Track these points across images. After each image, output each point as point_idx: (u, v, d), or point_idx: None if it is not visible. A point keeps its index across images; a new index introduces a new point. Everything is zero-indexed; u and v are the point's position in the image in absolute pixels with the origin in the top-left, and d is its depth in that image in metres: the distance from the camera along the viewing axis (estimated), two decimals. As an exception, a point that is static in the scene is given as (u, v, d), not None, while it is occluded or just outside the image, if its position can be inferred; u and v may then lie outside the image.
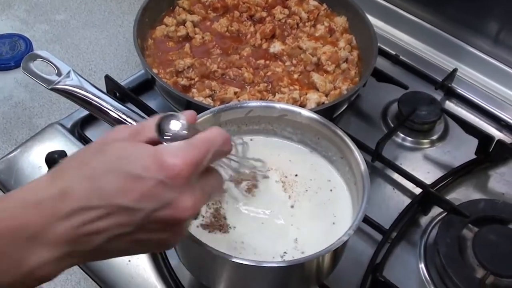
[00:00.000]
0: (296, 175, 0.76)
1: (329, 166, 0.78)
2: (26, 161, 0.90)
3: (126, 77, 1.05)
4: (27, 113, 1.02)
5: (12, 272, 0.49)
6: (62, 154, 0.84)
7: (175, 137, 0.53)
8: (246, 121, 0.78)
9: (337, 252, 0.69)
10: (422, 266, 0.84)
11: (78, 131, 0.95)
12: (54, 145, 0.92)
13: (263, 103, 0.78)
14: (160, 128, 0.53)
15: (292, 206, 0.73)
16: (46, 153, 0.84)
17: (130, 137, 0.54)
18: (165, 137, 0.53)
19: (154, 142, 0.53)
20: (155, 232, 0.53)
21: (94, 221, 0.50)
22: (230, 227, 0.69)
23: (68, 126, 0.95)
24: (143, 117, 0.78)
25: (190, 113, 0.58)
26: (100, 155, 0.52)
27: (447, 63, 1.12)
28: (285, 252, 0.68)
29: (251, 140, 0.78)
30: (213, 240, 0.66)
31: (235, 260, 0.62)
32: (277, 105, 0.78)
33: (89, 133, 0.94)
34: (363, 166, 0.70)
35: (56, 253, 0.50)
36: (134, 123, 0.77)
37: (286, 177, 0.76)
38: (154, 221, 0.51)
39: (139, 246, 0.54)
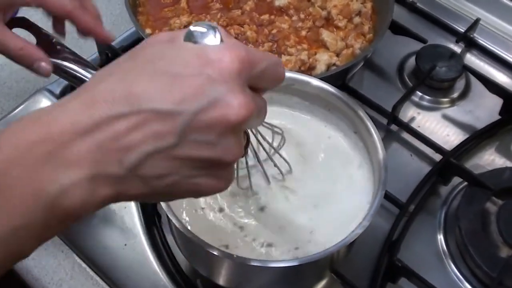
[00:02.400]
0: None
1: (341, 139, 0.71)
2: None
3: (119, 33, 0.97)
4: (13, 77, 0.94)
5: (32, 205, 0.40)
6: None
7: None
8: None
9: (351, 243, 0.63)
10: (440, 237, 0.79)
11: (68, 98, 0.87)
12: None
13: (268, 71, 0.70)
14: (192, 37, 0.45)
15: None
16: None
17: (169, 39, 0.45)
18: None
19: None
20: (201, 147, 0.42)
21: (125, 133, 0.41)
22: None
23: (57, 92, 0.88)
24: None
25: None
26: (132, 59, 0.44)
27: (469, 10, 1.03)
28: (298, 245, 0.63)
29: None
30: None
31: (242, 260, 0.56)
32: (283, 74, 0.70)
33: (80, 100, 0.87)
34: (382, 153, 0.62)
35: (82, 175, 0.40)
36: None
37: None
38: (199, 128, 0.41)
39: (184, 169, 0.43)
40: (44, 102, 0.87)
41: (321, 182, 0.67)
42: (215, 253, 0.57)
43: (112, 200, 0.43)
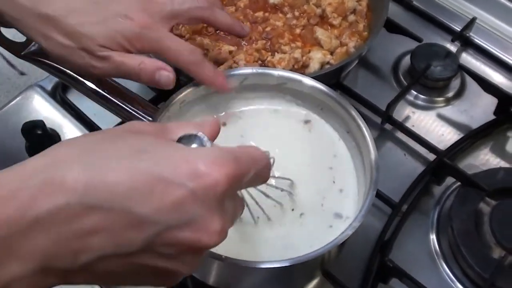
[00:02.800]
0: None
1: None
2: (4, 131, 0.82)
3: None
4: (5, 72, 0.94)
5: None
6: (39, 124, 0.77)
7: None
8: (241, 89, 0.70)
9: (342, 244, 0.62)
10: (433, 237, 0.78)
11: (60, 94, 0.87)
12: (33, 111, 0.84)
13: (259, 70, 0.70)
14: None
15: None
16: (23, 122, 0.78)
17: (157, 133, 0.44)
18: None
19: None
20: (163, 259, 0.41)
21: (89, 232, 0.38)
22: None
23: (49, 88, 0.87)
24: (123, 87, 0.70)
25: (212, 128, 0.48)
26: (112, 141, 0.42)
27: (465, 9, 1.02)
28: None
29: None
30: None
31: (232, 261, 0.55)
32: (275, 72, 0.69)
33: (72, 97, 0.86)
34: (373, 154, 0.62)
35: (31, 267, 0.38)
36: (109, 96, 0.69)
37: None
38: (168, 243, 0.40)
39: (135, 275, 0.42)
40: (36, 98, 0.86)
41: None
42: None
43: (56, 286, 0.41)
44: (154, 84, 0.63)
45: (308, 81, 0.68)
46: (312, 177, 0.67)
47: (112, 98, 0.70)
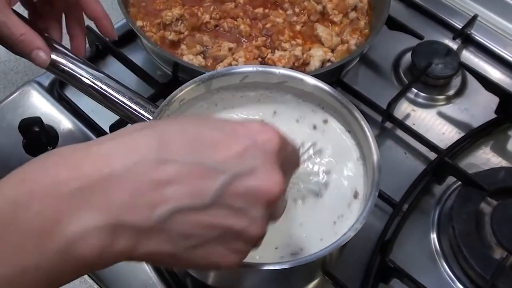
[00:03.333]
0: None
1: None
2: (0, 127, 0.81)
3: (111, 24, 0.95)
4: (1, 68, 0.93)
5: (47, 246, 0.37)
6: (37, 121, 0.77)
7: None
8: (241, 87, 0.69)
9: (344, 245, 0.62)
10: (434, 237, 0.78)
11: (57, 90, 0.86)
12: (30, 108, 0.83)
13: (260, 68, 0.69)
14: None
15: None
16: (20, 119, 0.77)
17: None
18: None
19: None
20: (232, 213, 0.41)
21: (165, 183, 0.39)
22: None
23: (46, 84, 0.86)
24: (121, 84, 0.69)
25: None
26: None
27: (466, 6, 1.01)
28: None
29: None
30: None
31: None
32: (277, 71, 0.68)
33: (70, 93, 0.85)
34: (376, 154, 0.61)
35: (104, 221, 0.38)
36: (110, 90, 0.68)
37: None
38: (236, 193, 0.41)
39: (209, 234, 0.42)
40: (33, 94, 0.85)
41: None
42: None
43: (128, 255, 0.40)
44: (28, 59, 0.65)
45: (310, 80, 0.67)
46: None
47: (110, 95, 0.69)
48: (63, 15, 0.73)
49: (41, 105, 0.84)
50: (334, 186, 0.65)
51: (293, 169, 0.50)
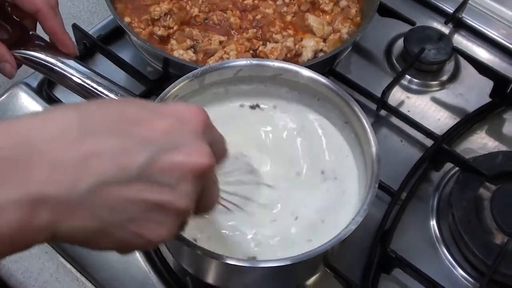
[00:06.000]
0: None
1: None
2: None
3: (98, 21, 0.94)
4: (-12, 70, 0.91)
5: None
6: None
7: None
8: (235, 81, 0.68)
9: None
10: (433, 224, 0.77)
11: (46, 91, 0.84)
12: (19, 109, 0.82)
13: (254, 61, 0.68)
14: None
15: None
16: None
17: None
18: None
19: None
20: (158, 187, 0.41)
21: (87, 154, 0.38)
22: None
23: (34, 85, 0.85)
24: (112, 82, 0.68)
25: None
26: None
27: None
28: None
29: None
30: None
31: (231, 262, 0.54)
32: (271, 63, 0.67)
33: (59, 93, 0.84)
34: (374, 146, 0.60)
35: (21, 194, 0.37)
36: (100, 88, 0.67)
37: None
38: (163, 168, 0.40)
39: (135, 208, 0.41)
40: (22, 95, 0.83)
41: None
42: (200, 253, 0.55)
43: (51, 232, 0.39)
44: None
45: (306, 72, 0.66)
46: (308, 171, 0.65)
47: (100, 94, 0.68)
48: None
49: (30, 106, 0.82)
50: None
51: (221, 158, 0.49)
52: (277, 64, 0.67)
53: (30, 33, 0.69)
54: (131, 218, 0.41)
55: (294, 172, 0.65)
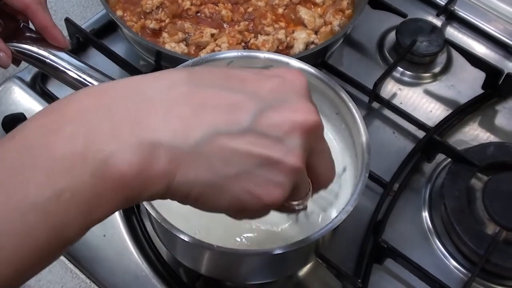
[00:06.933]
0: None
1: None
2: (-18, 126, 0.80)
3: (91, 15, 0.94)
4: (-19, 65, 0.91)
5: (79, 165, 0.36)
6: (20, 117, 0.75)
7: None
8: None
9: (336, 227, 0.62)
10: (426, 215, 0.77)
11: (40, 85, 0.84)
12: (13, 104, 0.82)
13: (245, 53, 0.68)
14: None
15: None
16: (3, 116, 0.76)
17: None
18: None
19: None
20: (267, 141, 0.40)
21: (195, 105, 0.39)
22: None
23: (28, 79, 0.85)
24: (105, 75, 0.68)
25: None
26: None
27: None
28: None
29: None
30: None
31: (223, 250, 0.54)
32: (261, 55, 0.67)
33: (53, 87, 0.84)
34: (365, 136, 0.60)
35: (139, 138, 0.37)
36: (93, 81, 0.67)
37: None
38: (272, 123, 0.40)
39: (247, 162, 0.40)
40: (15, 89, 0.83)
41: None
42: (190, 241, 0.55)
43: (168, 182, 0.38)
44: None
45: (296, 63, 0.67)
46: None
47: (96, 87, 0.68)
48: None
49: (23, 100, 0.82)
50: None
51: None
52: (267, 55, 0.67)
53: (22, 25, 0.69)
54: (244, 173, 0.40)
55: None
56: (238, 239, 0.62)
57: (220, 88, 0.40)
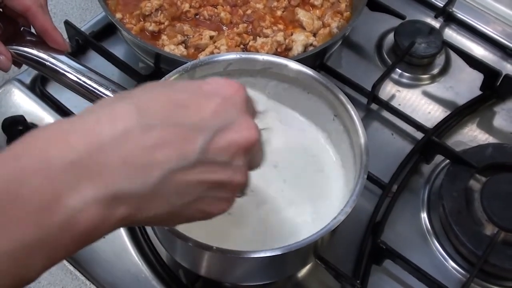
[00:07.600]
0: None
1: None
2: (-18, 128, 0.80)
3: (90, 18, 0.94)
4: (-19, 67, 0.91)
5: (48, 219, 0.37)
6: (20, 119, 0.76)
7: None
8: (225, 75, 0.69)
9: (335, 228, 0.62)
10: (424, 216, 0.78)
11: (39, 87, 0.85)
12: (13, 106, 0.82)
13: (244, 55, 0.68)
14: None
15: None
16: (3, 118, 0.76)
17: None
18: None
19: None
20: (216, 167, 0.43)
21: (152, 148, 0.40)
22: None
23: (27, 82, 0.85)
24: (104, 77, 0.68)
25: None
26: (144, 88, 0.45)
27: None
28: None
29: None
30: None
31: (223, 251, 0.55)
32: (260, 57, 0.68)
33: (52, 89, 0.84)
34: (363, 137, 0.61)
35: (102, 191, 0.38)
36: (93, 84, 0.67)
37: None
38: (219, 148, 0.43)
39: (199, 189, 0.43)
40: (15, 92, 0.84)
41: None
42: (191, 244, 0.55)
43: (124, 223, 0.41)
44: None
45: (294, 65, 0.67)
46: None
47: (93, 89, 0.68)
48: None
49: (23, 103, 0.83)
50: None
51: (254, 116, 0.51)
52: (266, 57, 0.67)
53: (22, 28, 0.69)
54: (197, 198, 0.44)
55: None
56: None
57: (168, 123, 0.41)
